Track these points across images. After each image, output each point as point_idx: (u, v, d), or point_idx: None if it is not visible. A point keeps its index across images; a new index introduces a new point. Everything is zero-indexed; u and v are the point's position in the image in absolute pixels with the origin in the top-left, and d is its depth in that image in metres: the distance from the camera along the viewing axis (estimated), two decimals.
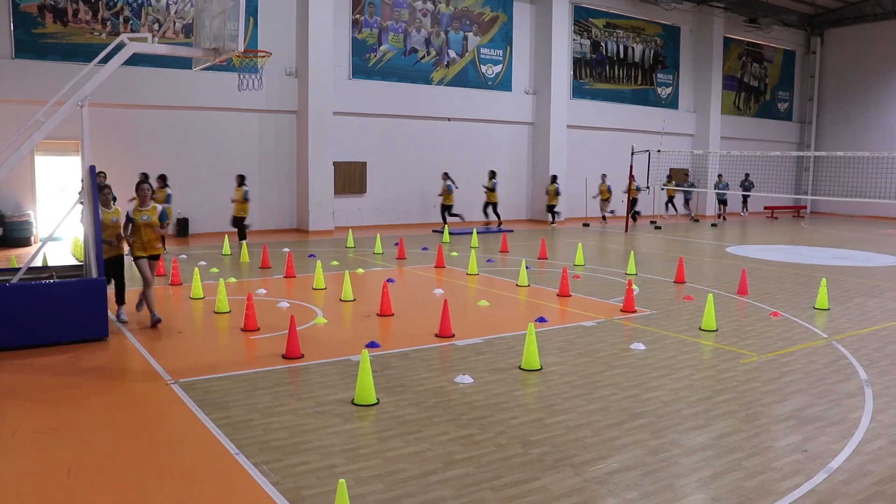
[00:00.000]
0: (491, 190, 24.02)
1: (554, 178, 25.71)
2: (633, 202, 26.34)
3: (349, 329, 9.88)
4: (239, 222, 17.93)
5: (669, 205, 29.63)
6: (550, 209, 25.95)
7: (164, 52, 11.15)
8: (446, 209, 23.26)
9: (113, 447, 5.68)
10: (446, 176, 23.11)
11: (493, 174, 24.25)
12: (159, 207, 10.10)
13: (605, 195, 26.51)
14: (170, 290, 12.54)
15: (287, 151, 22.65)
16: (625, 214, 26.01)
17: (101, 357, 8.33)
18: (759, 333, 9.79)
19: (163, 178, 17.11)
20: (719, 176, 30.27)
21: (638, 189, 26.75)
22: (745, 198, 31.44)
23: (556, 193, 25.46)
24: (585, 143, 29.28)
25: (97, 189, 9.56)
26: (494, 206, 24.20)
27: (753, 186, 30.50)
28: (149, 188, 10.12)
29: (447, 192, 23.07)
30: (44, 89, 14.26)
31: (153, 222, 9.93)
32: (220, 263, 15.48)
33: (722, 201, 29.96)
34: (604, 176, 26.77)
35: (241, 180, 18.00)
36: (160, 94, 20.28)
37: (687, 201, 30.13)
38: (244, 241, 17.21)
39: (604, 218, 26.92)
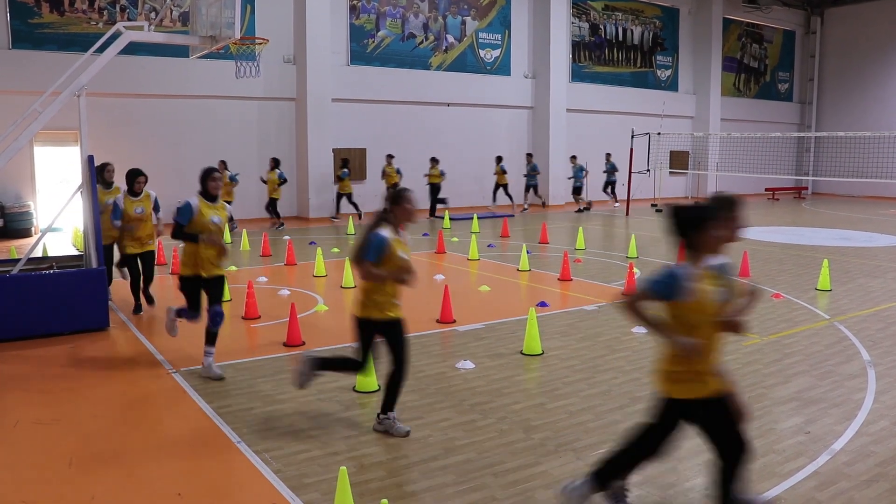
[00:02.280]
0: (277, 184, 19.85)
1: (390, 158, 22.13)
2: (504, 187, 24.41)
3: (350, 316, 9.85)
4: None
5: (505, 193, 24.92)
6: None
7: (160, 40, 11.10)
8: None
9: (114, 437, 5.67)
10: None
11: (275, 161, 19.95)
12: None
13: (393, 179, 21.88)
14: (170, 278, 12.52)
15: (286, 139, 22.59)
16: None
17: (102, 347, 8.32)
18: (760, 315, 9.77)
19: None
20: (607, 155, 26.78)
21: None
22: (609, 184, 26.59)
23: (395, 174, 21.73)
24: (585, 126, 29.17)
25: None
26: (348, 195, 21.02)
27: (617, 170, 26.58)
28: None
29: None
30: (41, 79, 14.16)
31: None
32: None
33: (576, 189, 25.41)
34: (390, 157, 22.30)
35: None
36: (158, 83, 20.21)
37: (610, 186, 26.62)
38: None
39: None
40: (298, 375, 5.77)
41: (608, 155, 26.45)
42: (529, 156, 25.85)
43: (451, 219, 21.21)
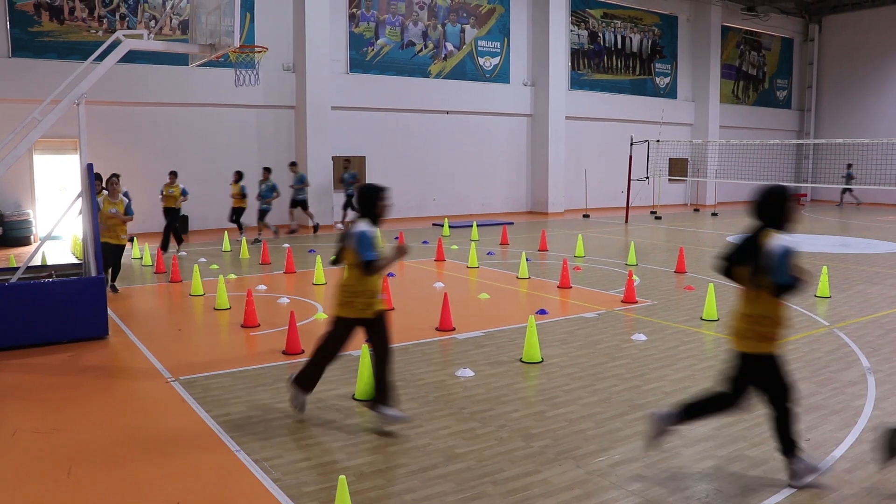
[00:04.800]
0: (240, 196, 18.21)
1: (240, 177, 18.27)
2: (239, 212, 18.39)
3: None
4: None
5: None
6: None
7: (159, 48, 11.11)
8: (240, 213, 18.31)
9: (113, 446, 5.66)
10: (240, 176, 18.21)
11: (238, 175, 18.24)
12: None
13: (171, 202, 16.27)
14: (170, 287, 12.51)
15: (286, 147, 22.60)
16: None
17: (101, 356, 8.31)
18: None
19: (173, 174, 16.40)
20: (292, 165, 20.71)
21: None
22: (298, 203, 20.41)
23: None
24: (584, 134, 29.22)
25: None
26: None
27: (308, 185, 20.64)
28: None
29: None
30: (41, 88, 14.19)
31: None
32: (220, 260, 15.46)
33: (299, 202, 20.30)
34: (173, 174, 16.39)
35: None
36: (157, 91, 20.23)
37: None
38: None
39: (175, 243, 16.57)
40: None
41: (293, 165, 20.77)
42: (293, 165, 20.86)
43: (450, 227, 21.21)
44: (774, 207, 5.00)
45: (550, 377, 7.39)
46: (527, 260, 13.86)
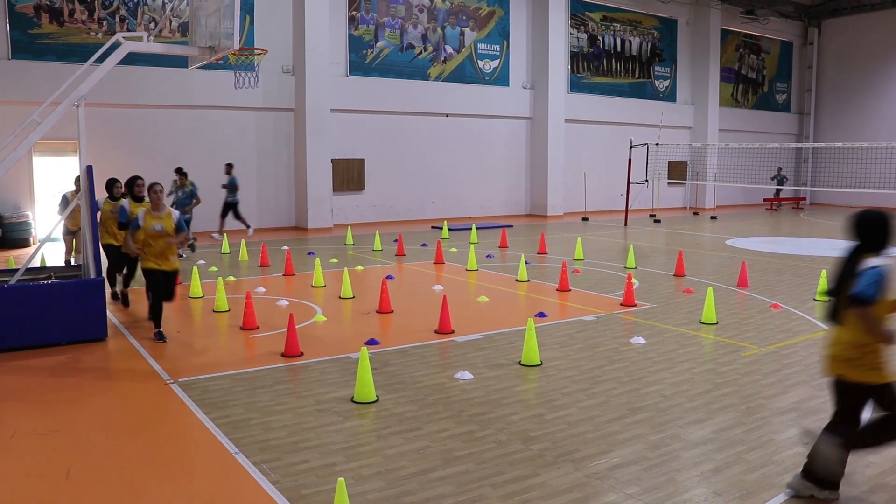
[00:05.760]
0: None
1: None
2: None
3: (348, 326, 9.86)
4: None
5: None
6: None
7: (159, 51, 11.11)
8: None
9: (112, 448, 5.66)
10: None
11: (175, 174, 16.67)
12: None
13: None
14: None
15: (285, 149, 22.61)
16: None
17: (100, 357, 8.30)
18: (759, 326, 9.77)
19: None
20: (177, 179, 16.88)
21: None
22: (228, 206, 18.62)
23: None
24: (584, 137, 29.23)
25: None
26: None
27: (236, 186, 18.66)
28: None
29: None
30: (41, 90, 14.20)
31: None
32: (219, 262, 15.46)
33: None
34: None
35: None
36: (157, 94, 20.24)
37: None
38: None
39: None
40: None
41: (178, 178, 16.89)
42: (229, 166, 19.02)
43: (449, 229, 21.21)
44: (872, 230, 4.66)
45: (549, 380, 7.39)
46: (526, 263, 13.86)
